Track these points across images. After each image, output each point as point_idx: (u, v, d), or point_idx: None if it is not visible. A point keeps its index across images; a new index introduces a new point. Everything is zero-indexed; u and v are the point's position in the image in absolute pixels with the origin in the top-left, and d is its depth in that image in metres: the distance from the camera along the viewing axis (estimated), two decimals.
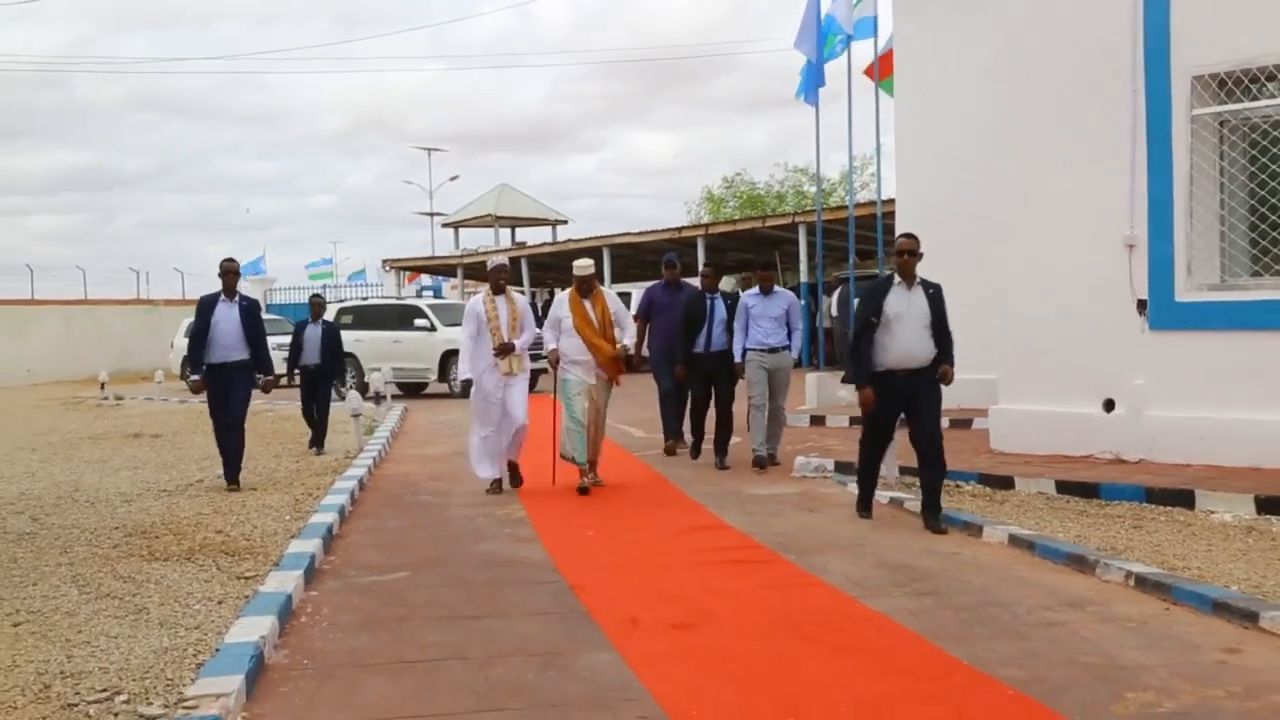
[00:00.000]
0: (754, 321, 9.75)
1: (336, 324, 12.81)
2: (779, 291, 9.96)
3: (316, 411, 12.12)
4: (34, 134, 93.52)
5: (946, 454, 7.24)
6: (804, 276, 23.71)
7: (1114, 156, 8.94)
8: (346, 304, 23.20)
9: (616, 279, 27.24)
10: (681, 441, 10.97)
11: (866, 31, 14.99)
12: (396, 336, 20.27)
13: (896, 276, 7.23)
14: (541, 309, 21.35)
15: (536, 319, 9.28)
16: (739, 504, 8.28)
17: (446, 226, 42.50)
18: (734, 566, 6.33)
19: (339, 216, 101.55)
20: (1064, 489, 8.14)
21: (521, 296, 9.22)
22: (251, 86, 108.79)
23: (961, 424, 11.35)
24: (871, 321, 7.15)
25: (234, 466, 9.39)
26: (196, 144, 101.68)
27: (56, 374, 31.11)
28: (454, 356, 18.98)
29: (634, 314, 10.62)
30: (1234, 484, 7.66)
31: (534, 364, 9.58)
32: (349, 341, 20.18)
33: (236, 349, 9.28)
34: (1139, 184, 8.84)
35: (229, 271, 9.40)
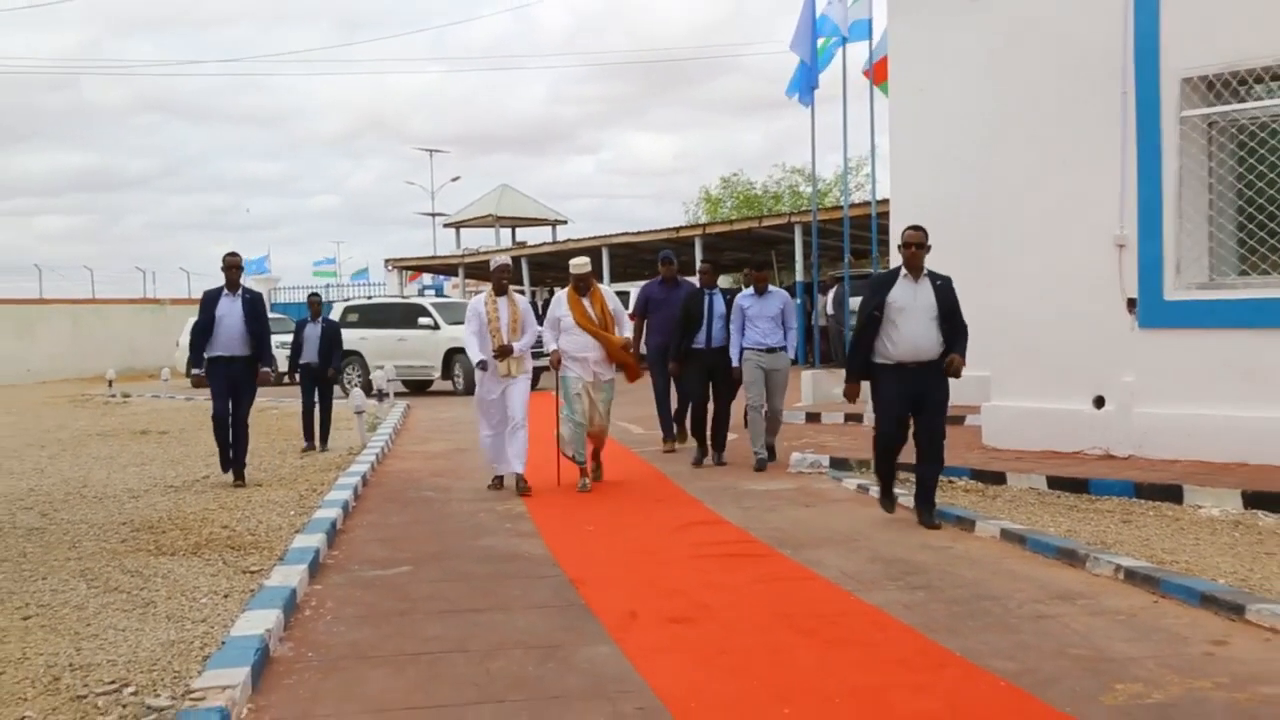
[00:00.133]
0: (750, 322, 9.65)
1: (336, 322, 12.75)
2: (774, 291, 9.85)
3: (319, 409, 12.09)
4: (42, 135, 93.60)
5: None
6: (799, 276, 23.73)
7: (1104, 157, 8.94)
8: (352, 302, 23.23)
9: (615, 278, 27.24)
10: (683, 438, 10.82)
11: (862, 33, 15.02)
12: (401, 335, 20.29)
13: (903, 269, 7.02)
14: (541, 308, 21.44)
15: (537, 318, 9.20)
16: (736, 499, 8.29)
17: (448, 226, 42.50)
18: (731, 561, 6.34)
19: (342, 217, 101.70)
20: (1055, 484, 8.15)
21: (523, 298, 9.12)
22: (255, 88, 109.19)
23: (955, 420, 11.30)
24: (874, 315, 6.96)
25: (239, 462, 9.38)
26: (201, 145, 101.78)
27: (65, 372, 31.11)
28: (457, 354, 19.03)
29: (630, 312, 10.55)
30: (1221, 479, 7.67)
31: (536, 361, 9.46)
32: (354, 340, 20.29)
33: (241, 343, 9.25)
34: (1129, 184, 8.84)
35: (232, 266, 9.36)
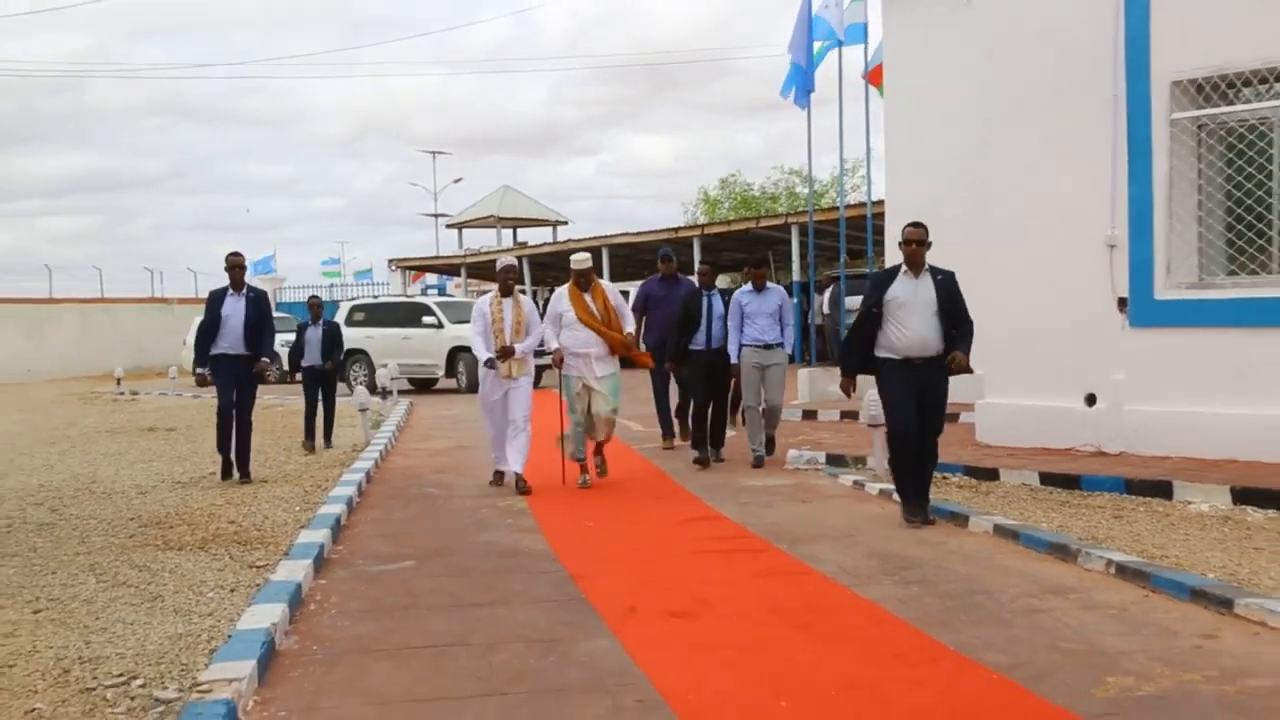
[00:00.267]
0: (749, 319, 9.59)
1: (336, 323, 12.70)
2: (771, 288, 9.79)
3: (324, 408, 12.08)
4: (51, 138, 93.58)
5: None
6: (796, 275, 23.72)
7: (1096, 159, 8.95)
8: (358, 302, 23.25)
9: (615, 278, 27.22)
10: (687, 436, 10.68)
11: (857, 37, 15.02)
12: (406, 334, 20.29)
13: (904, 266, 6.92)
14: (542, 307, 21.42)
15: (541, 318, 9.10)
16: (733, 496, 8.28)
17: (450, 227, 42.51)
18: (729, 556, 6.34)
19: (346, 217, 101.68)
20: (1047, 480, 8.15)
21: (528, 299, 9.01)
22: (260, 91, 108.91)
23: (949, 417, 11.28)
24: (872, 312, 6.87)
25: (243, 459, 9.37)
26: (208, 147, 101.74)
27: (74, 370, 31.10)
28: (461, 353, 19.02)
29: (630, 307, 10.49)
30: (1211, 475, 7.67)
31: (538, 360, 9.38)
32: (360, 339, 20.34)
33: (244, 342, 9.20)
34: (1120, 186, 8.85)
35: (235, 265, 9.31)
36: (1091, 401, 9.13)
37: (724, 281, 31.64)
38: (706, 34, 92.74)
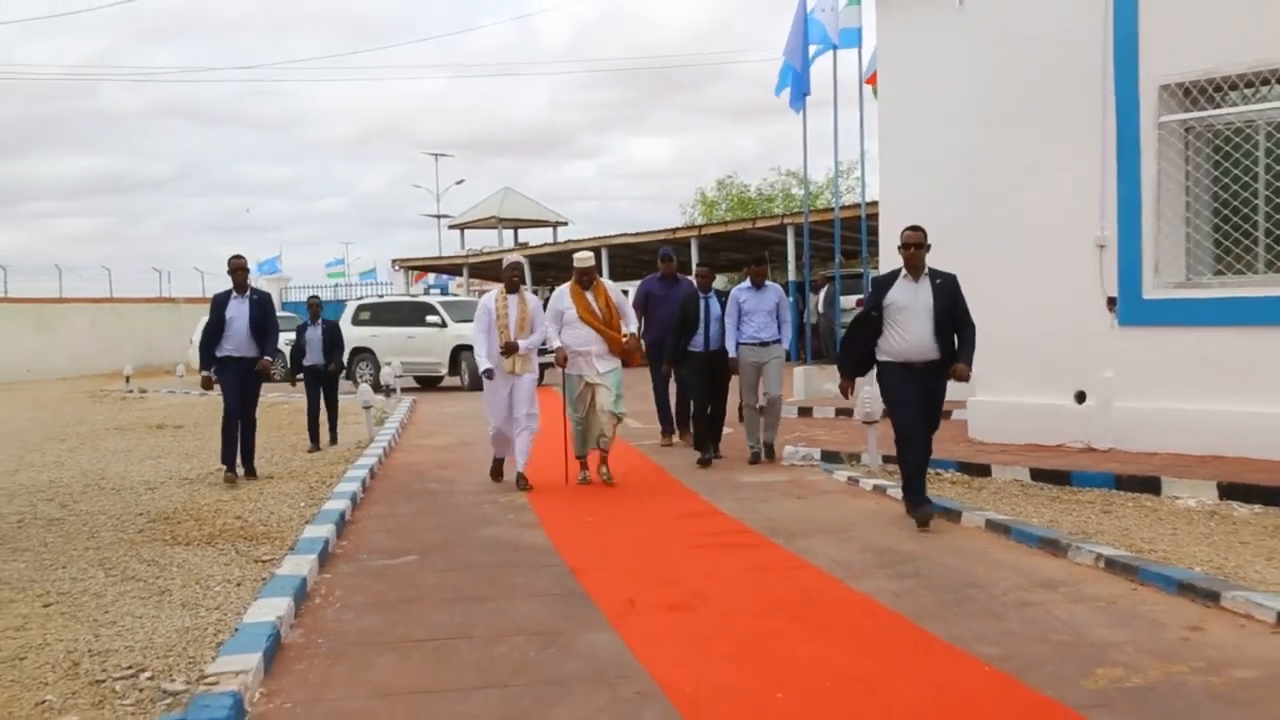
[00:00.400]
0: (746, 316, 9.48)
1: (335, 322, 12.62)
2: (769, 286, 9.67)
3: (326, 406, 12.00)
4: (63, 141, 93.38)
5: None
6: (792, 275, 23.72)
7: (1086, 161, 8.95)
8: (364, 301, 23.26)
9: (614, 277, 27.15)
10: (685, 435, 10.68)
11: (852, 41, 15.00)
12: (410, 332, 20.29)
13: (903, 269, 6.81)
14: (542, 305, 21.37)
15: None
16: (730, 491, 8.28)
17: (453, 228, 42.49)
18: (726, 550, 6.34)
19: (350, 218, 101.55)
20: (1038, 476, 8.15)
21: (534, 297, 8.87)
22: (267, 95, 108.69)
23: (942, 414, 11.34)
24: (871, 315, 6.78)
25: (248, 457, 9.34)
26: (215, 150, 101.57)
27: (84, 368, 31.10)
28: (464, 351, 19.01)
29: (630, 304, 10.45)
30: (1198, 471, 7.68)
31: (541, 358, 9.28)
32: (366, 337, 20.37)
33: (249, 343, 9.14)
34: (1109, 187, 8.85)
35: (237, 269, 9.22)
36: (1081, 399, 9.13)
37: (720, 282, 31.69)
38: (704, 39, 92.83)
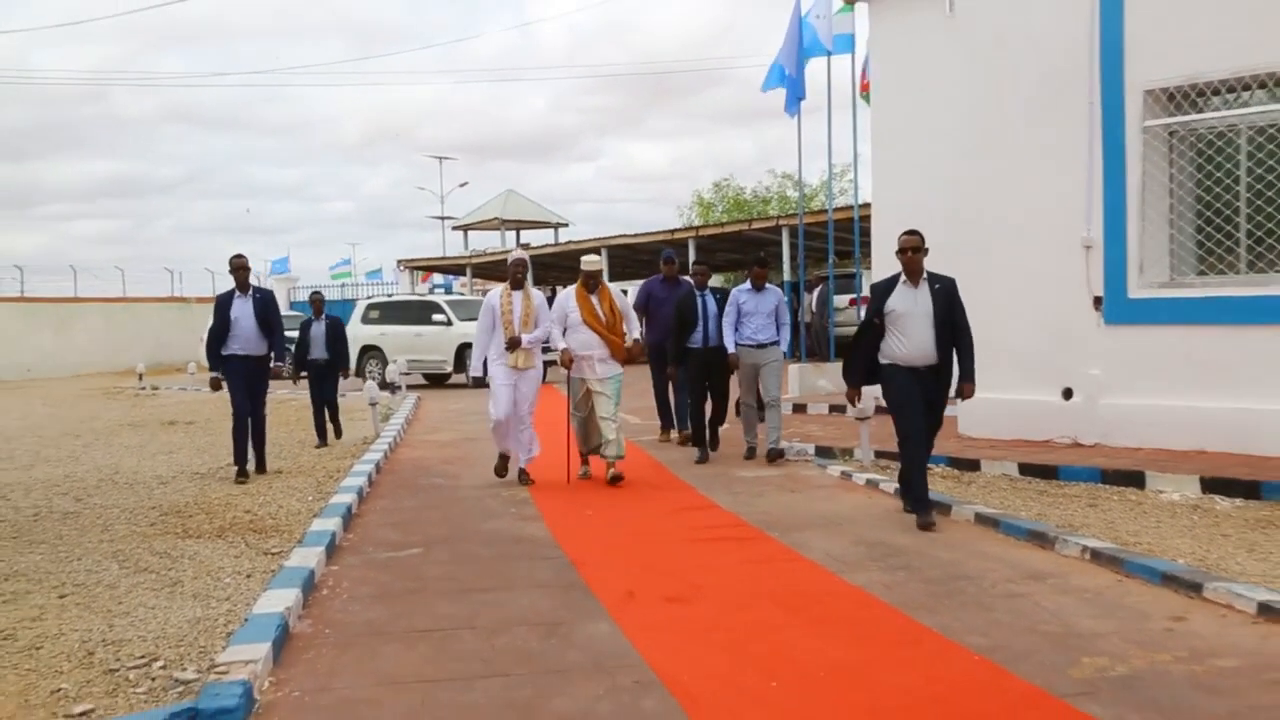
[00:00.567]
0: (745, 317, 9.34)
1: (339, 318, 12.52)
2: (770, 288, 9.50)
3: (325, 404, 11.81)
4: (76, 145, 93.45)
5: None
6: (786, 275, 23.71)
7: (1072, 164, 8.96)
8: (373, 300, 23.30)
9: (614, 278, 27.17)
10: (684, 431, 10.61)
11: (845, 47, 14.99)
12: (417, 331, 20.30)
13: (902, 275, 6.67)
14: (547, 302, 21.36)
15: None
16: (726, 486, 8.28)
17: (456, 229, 42.49)
18: (722, 544, 6.34)
19: (357, 220, 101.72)
20: (1026, 471, 8.15)
21: (539, 293, 8.76)
22: (275, 100, 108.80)
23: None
24: (874, 323, 6.64)
25: (259, 453, 9.30)
26: (225, 154, 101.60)
27: (98, 366, 31.10)
28: (468, 349, 18.99)
29: (632, 304, 10.42)
30: (1181, 466, 7.68)
31: (545, 355, 9.17)
32: (375, 335, 20.40)
33: (255, 342, 9.03)
34: (1095, 189, 8.85)
35: (239, 268, 9.07)
36: (1068, 395, 9.13)
37: (717, 281, 31.69)
38: (701, 45, 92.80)
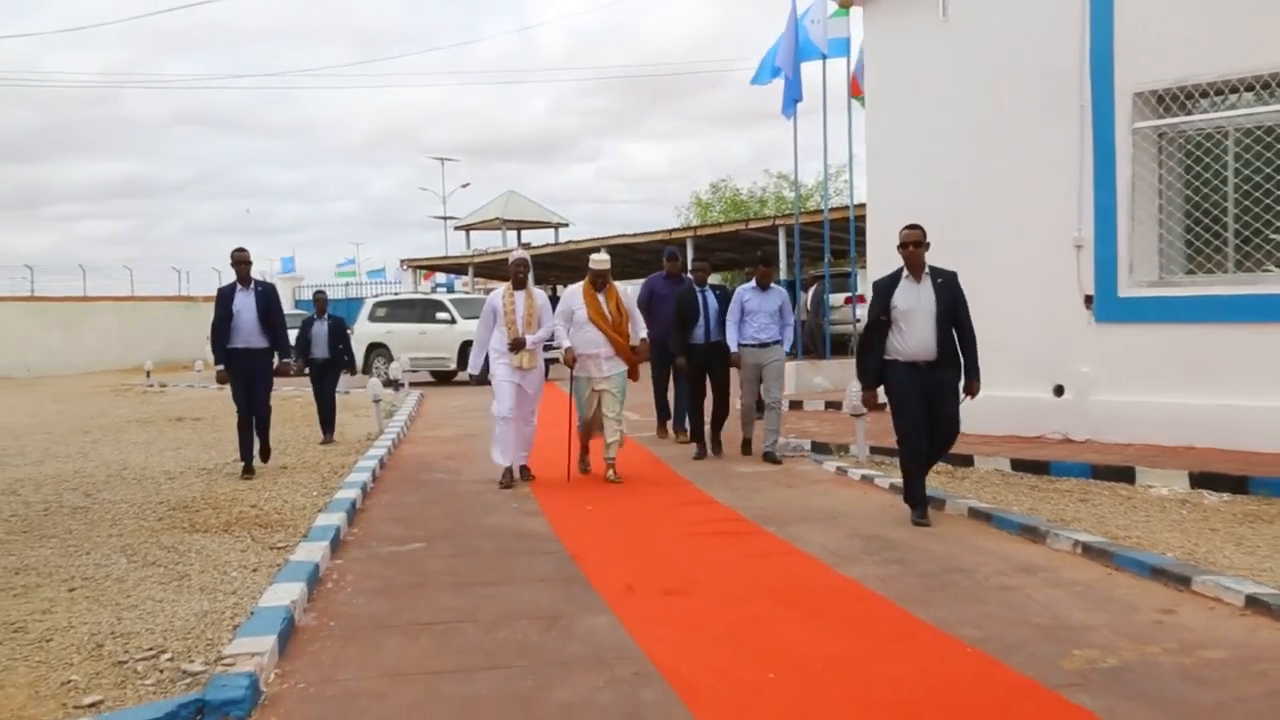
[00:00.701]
0: (749, 316, 9.18)
1: (341, 318, 12.43)
2: (774, 288, 9.33)
3: (324, 402, 11.65)
4: (86, 147, 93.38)
5: None
6: (783, 274, 23.68)
7: (1064, 165, 8.95)
8: (380, 298, 23.31)
9: (613, 276, 27.13)
10: (681, 431, 10.58)
11: (840, 50, 14.96)
12: (422, 329, 20.30)
13: (904, 270, 6.49)
14: (549, 301, 21.30)
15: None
16: (724, 481, 8.27)
17: (458, 229, 42.46)
18: (720, 538, 6.33)
19: (361, 220, 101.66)
20: (1018, 466, 8.15)
21: (541, 293, 8.63)
22: (281, 103, 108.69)
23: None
24: (881, 320, 6.44)
25: (264, 446, 9.20)
26: (232, 155, 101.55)
27: (107, 364, 31.08)
28: (471, 347, 18.94)
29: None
30: (1170, 461, 7.68)
31: (547, 354, 9.08)
32: (381, 333, 20.42)
33: (257, 335, 8.89)
34: (1086, 190, 8.85)
35: (240, 261, 8.92)
36: (1060, 392, 9.13)
37: (714, 279, 31.63)
38: (699, 48, 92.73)
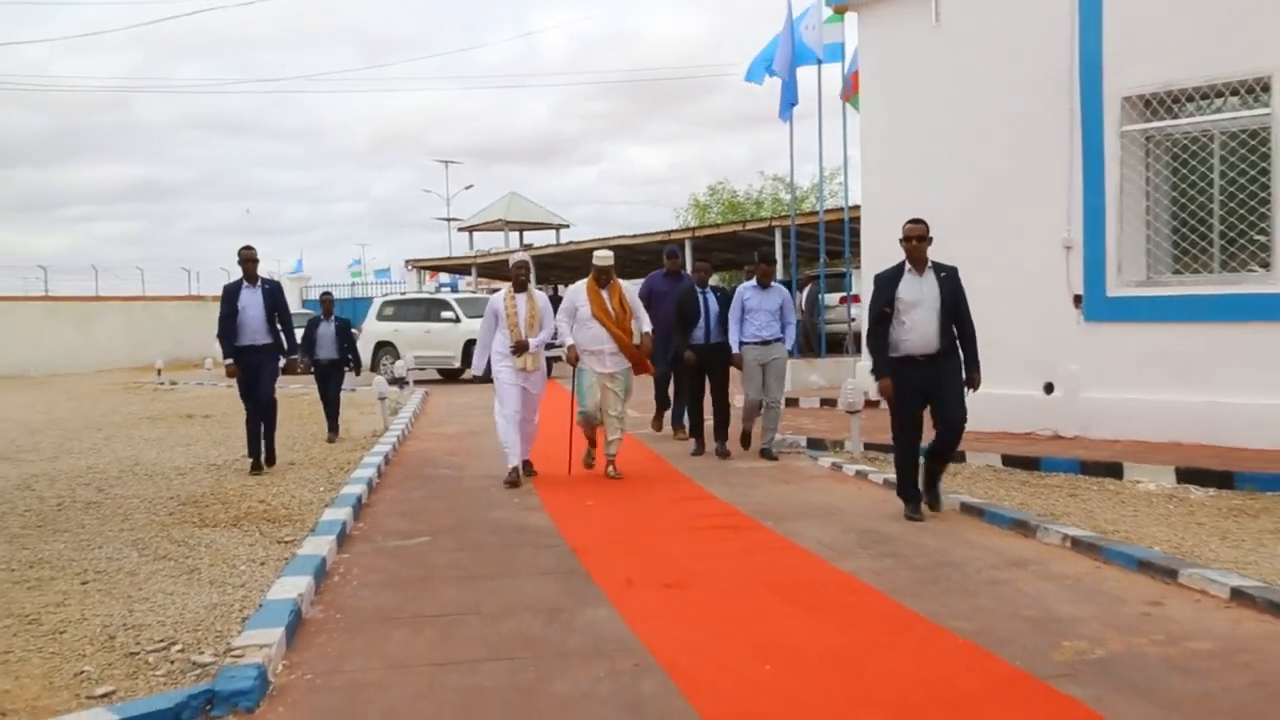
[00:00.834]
0: (750, 315, 9.09)
1: (346, 319, 12.38)
2: (775, 286, 9.25)
3: (329, 401, 11.59)
4: (98, 150, 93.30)
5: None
6: (779, 274, 23.69)
7: (1054, 167, 8.96)
8: (388, 298, 23.37)
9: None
10: (681, 431, 10.56)
11: (835, 55, 14.96)
12: (427, 327, 20.30)
13: (907, 264, 6.38)
14: (549, 301, 21.27)
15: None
16: (722, 477, 8.27)
17: (462, 230, 42.46)
18: (718, 532, 6.33)
19: (366, 221, 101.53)
20: (1009, 462, 8.15)
21: (542, 294, 8.57)
22: (288, 106, 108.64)
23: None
24: (885, 312, 6.34)
25: (269, 447, 9.08)
26: (240, 158, 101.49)
27: (119, 362, 31.07)
28: (474, 345, 18.90)
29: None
30: (1157, 457, 7.69)
31: (548, 352, 9.04)
32: (388, 332, 20.42)
33: (263, 332, 8.86)
34: (1075, 191, 8.86)
35: (248, 259, 8.89)
36: (1049, 390, 9.14)
37: (714, 280, 31.61)
38: (697, 54, 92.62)
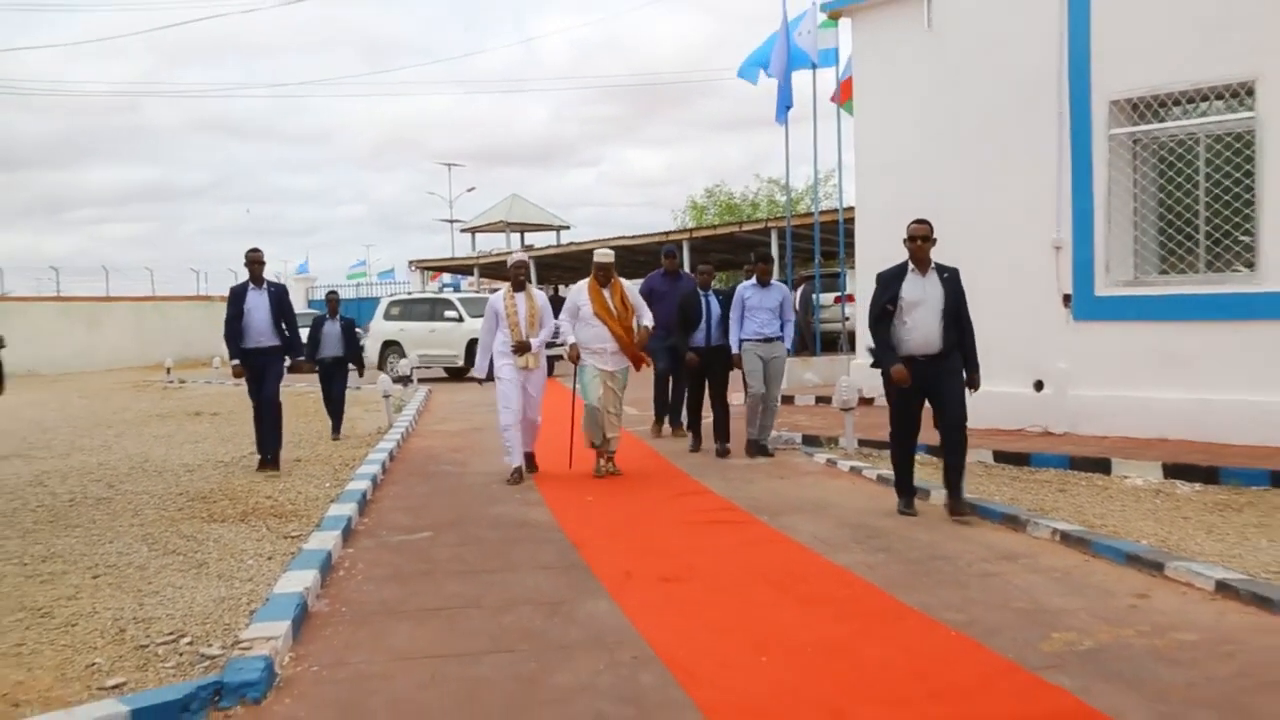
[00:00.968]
0: (750, 313, 9.02)
1: (351, 319, 12.33)
2: (775, 284, 9.19)
3: (333, 400, 11.51)
4: (109, 154, 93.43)
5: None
6: (775, 275, 23.68)
7: (1043, 169, 8.96)
8: (395, 297, 23.37)
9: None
10: (680, 429, 10.53)
11: (829, 60, 14.96)
12: (431, 327, 20.29)
13: (910, 263, 6.31)
14: (549, 301, 21.26)
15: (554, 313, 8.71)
16: (720, 473, 8.27)
17: (464, 231, 42.48)
18: (715, 527, 6.33)
19: (370, 223, 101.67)
20: (1000, 458, 8.16)
21: (541, 293, 8.53)
22: (294, 111, 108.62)
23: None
24: (887, 309, 6.26)
25: (275, 442, 8.92)
26: (248, 161, 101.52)
27: (128, 361, 31.06)
28: (477, 344, 18.86)
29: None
30: (1145, 453, 7.69)
31: (549, 351, 8.99)
32: (394, 331, 20.42)
33: (269, 334, 8.78)
34: (1065, 193, 8.86)
35: (254, 261, 8.82)
36: (1039, 387, 9.14)
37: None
38: (695, 59, 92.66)
